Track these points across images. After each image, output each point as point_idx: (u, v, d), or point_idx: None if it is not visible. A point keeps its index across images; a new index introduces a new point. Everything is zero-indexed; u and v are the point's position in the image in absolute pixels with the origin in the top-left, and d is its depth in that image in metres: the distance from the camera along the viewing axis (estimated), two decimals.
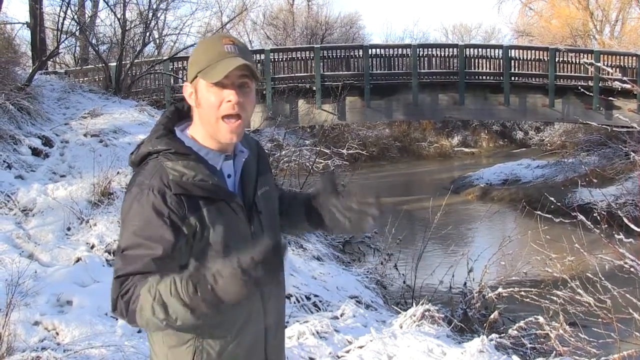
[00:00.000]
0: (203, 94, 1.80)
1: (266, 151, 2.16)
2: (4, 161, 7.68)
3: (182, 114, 1.93)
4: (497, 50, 20.24)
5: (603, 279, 5.42)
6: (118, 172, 7.61)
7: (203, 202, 1.76)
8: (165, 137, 1.84)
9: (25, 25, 15.38)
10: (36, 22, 13.85)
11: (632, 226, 5.43)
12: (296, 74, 19.60)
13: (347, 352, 4.92)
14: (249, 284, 1.53)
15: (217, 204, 1.79)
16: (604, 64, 16.54)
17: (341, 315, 5.84)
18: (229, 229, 1.79)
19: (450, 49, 20.68)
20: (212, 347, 1.80)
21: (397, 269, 8.57)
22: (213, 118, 1.79)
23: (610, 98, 15.38)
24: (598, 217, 5.60)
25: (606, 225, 5.53)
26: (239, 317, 1.84)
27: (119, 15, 14.97)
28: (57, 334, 4.68)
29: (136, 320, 1.63)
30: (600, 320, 5.33)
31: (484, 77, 19.96)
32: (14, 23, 17.14)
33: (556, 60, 19.16)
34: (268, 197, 1.98)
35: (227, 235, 1.78)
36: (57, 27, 14.00)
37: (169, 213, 1.70)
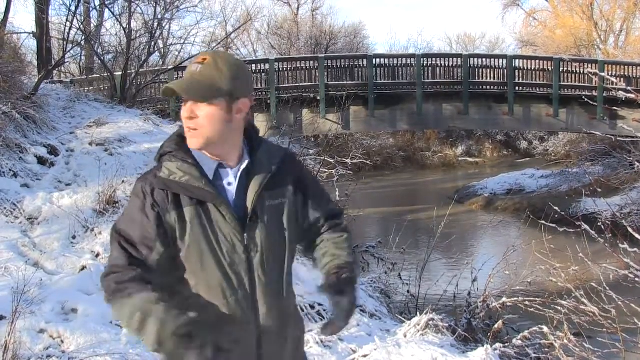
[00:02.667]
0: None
1: (299, 164, 2.19)
2: (10, 170, 7.72)
3: None
4: (501, 60, 20.27)
5: (608, 288, 5.41)
6: (123, 181, 7.63)
7: (188, 201, 1.89)
8: (174, 142, 1.98)
9: (32, 35, 15.49)
10: (42, 31, 13.94)
11: (637, 236, 5.42)
12: (300, 84, 19.65)
13: None
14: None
15: (205, 206, 1.90)
16: (608, 74, 16.58)
17: None
18: (211, 231, 1.89)
19: (455, 59, 20.73)
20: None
21: (401, 278, 8.56)
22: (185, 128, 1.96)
23: (615, 108, 15.40)
24: (602, 227, 5.59)
25: (611, 235, 5.52)
26: (226, 330, 1.90)
27: (124, 25, 15.05)
28: (62, 341, 4.68)
29: (110, 302, 1.87)
30: (605, 330, 5.31)
31: (488, 87, 19.98)
32: (21, 33, 17.23)
33: (560, 70, 19.18)
34: (279, 210, 2.00)
35: (207, 235, 1.89)
36: (63, 36, 14.10)
37: (152, 203, 1.88)
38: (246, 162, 1.97)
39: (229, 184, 1.96)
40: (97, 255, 6.31)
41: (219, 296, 1.90)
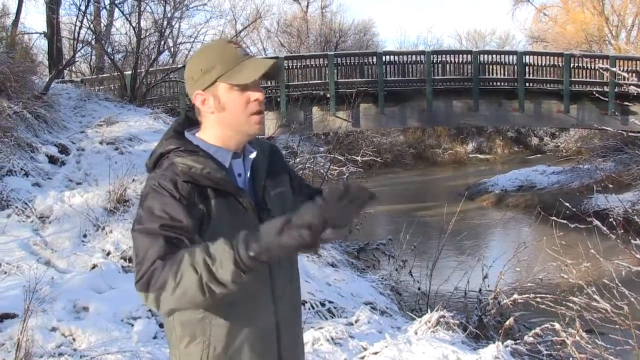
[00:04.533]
0: (227, 98, 1.85)
1: (282, 154, 2.18)
2: (22, 169, 7.77)
3: (192, 121, 1.99)
4: (511, 56, 20.16)
5: (620, 285, 5.37)
6: (133, 180, 7.66)
7: (212, 193, 1.81)
8: (174, 138, 1.91)
9: (43, 35, 15.61)
10: (53, 31, 14.04)
11: None
12: (310, 81, 19.64)
13: (362, 358, 4.91)
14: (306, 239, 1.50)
15: (227, 198, 1.83)
16: (619, 69, 16.45)
17: (356, 322, 5.83)
18: (236, 223, 1.80)
19: (464, 56, 20.63)
20: (218, 341, 1.83)
21: (411, 275, 8.54)
22: (243, 117, 1.86)
23: (626, 103, 15.25)
24: (614, 223, 5.55)
25: (622, 231, 5.48)
26: (244, 310, 1.86)
27: (134, 24, 15.12)
28: (74, 339, 4.71)
29: (166, 285, 1.58)
30: (617, 327, 5.28)
31: (499, 83, 19.87)
32: (32, 33, 17.36)
33: (571, 66, 19.04)
34: (282, 198, 2.01)
35: (233, 229, 1.75)
36: (74, 36, 14.19)
37: (180, 197, 1.74)
38: (254, 152, 1.96)
39: (239, 175, 1.93)
40: (108, 254, 6.34)
41: (242, 286, 1.76)
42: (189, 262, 1.57)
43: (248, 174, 1.95)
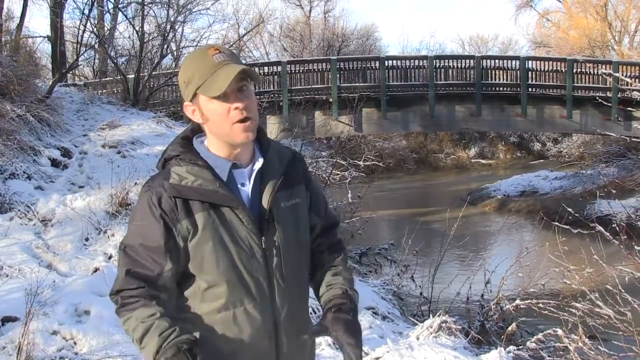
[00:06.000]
0: (208, 108, 1.82)
1: (306, 164, 2.10)
2: (24, 172, 7.78)
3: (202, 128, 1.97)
4: (514, 62, 20.13)
5: (623, 291, 5.34)
6: (135, 183, 7.66)
7: (199, 206, 1.79)
8: (179, 145, 1.90)
9: (46, 39, 15.65)
10: (56, 35, 14.06)
11: None
12: (313, 86, 19.63)
13: None
14: None
15: (219, 210, 1.81)
16: (622, 75, 16.43)
17: None
18: (227, 235, 1.80)
19: (467, 61, 20.61)
20: (208, 346, 1.82)
21: (413, 280, 8.52)
22: (226, 127, 1.82)
23: (629, 109, 15.26)
24: (617, 229, 5.53)
25: (626, 237, 5.46)
26: (235, 316, 1.83)
27: (137, 28, 15.16)
28: (75, 343, 4.70)
29: (121, 319, 1.85)
30: (620, 333, 5.25)
31: (501, 89, 19.86)
32: (35, 37, 17.43)
33: (574, 71, 19.04)
34: (295, 211, 1.94)
35: (222, 241, 1.80)
36: (77, 40, 14.21)
37: (161, 214, 1.78)
38: (260, 161, 1.89)
39: (243, 184, 1.87)
40: (110, 257, 6.34)
41: (236, 303, 1.82)
42: (134, 325, 1.79)
43: (251, 184, 1.89)
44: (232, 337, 1.83)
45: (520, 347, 5.57)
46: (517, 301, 6.54)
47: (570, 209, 6.35)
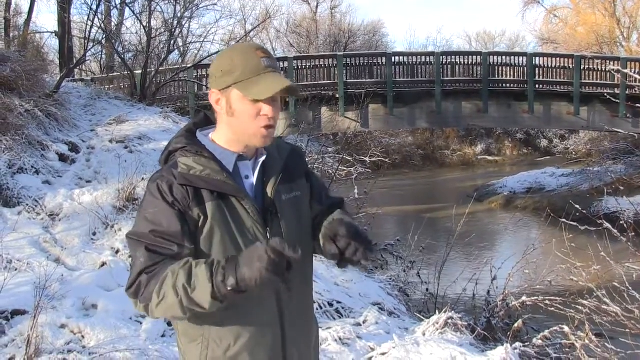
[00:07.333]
0: (238, 106, 1.84)
1: (305, 158, 2.13)
2: (32, 167, 7.81)
3: (209, 121, 2.00)
4: (521, 58, 20.09)
5: (630, 288, 5.34)
6: (143, 178, 7.68)
7: (209, 195, 1.81)
8: (184, 137, 1.92)
9: (54, 34, 15.69)
10: (64, 31, 14.12)
11: None
12: (319, 82, 19.65)
13: (370, 359, 4.91)
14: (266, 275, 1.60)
15: (227, 200, 1.83)
16: (631, 71, 16.37)
17: (364, 322, 5.82)
18: (234, 225, 1.82)
19: (474, 57, 20.58)
20: (217, 343, 1.84)
21: (420, 276, 8.52)
22: (250, 128, 1.85)
23: (637, 105, 15.19)
24: (625, 226, 5.53)
25: (633, 234, 5.45)
26: (244, 313, 1.84)
27: (144, 24, 15.19)
28: (83, 337, 4.72)
29: (151, 299, 1.71)
30: (627, 330, 5.24)
31: (508, 85, 19.82)
32: (43, 32, 17.49)
33: (582, 68, 18.96)
34: (296, 203, 1.97)
35: (232, 232, 1.82)
36: (85, 35, 14.29)
37: (173, 201, 1.78)
38: (265, 154, 1.93)
39: (247, 177, 1.91)
40: (117, 252, 6.36)
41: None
42: (171, 283, 1.67)
43: (255, 176, 1.92)
44: (237, 326, 1.84)
45: (526, 344, 5.56)
46: (524, 298, 6.52)
47: (577, 206, 6.34)
